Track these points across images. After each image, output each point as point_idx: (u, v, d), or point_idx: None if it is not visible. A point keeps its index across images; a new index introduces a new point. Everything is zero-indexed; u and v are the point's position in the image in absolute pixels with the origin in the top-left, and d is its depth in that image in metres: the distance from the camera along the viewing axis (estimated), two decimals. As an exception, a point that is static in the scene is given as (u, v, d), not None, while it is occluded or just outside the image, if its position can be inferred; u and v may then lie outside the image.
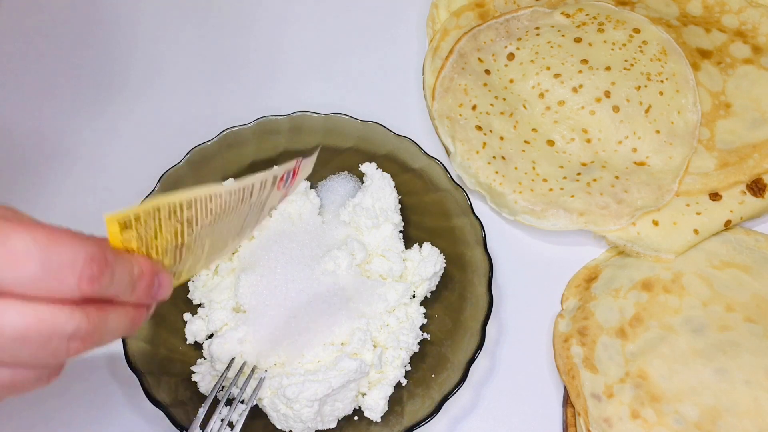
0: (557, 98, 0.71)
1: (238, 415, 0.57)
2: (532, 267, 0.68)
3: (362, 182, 0.68)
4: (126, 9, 0.82)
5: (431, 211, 0.67)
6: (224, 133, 0.67)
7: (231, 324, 0.61)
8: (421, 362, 0.62)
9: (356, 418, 0.60)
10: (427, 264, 0.63)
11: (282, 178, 0.45)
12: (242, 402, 0.58)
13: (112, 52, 0.80)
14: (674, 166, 0.68)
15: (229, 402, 0.59)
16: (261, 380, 0.58)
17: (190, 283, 0.64)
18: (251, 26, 0.81)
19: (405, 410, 0.60)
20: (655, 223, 0.67)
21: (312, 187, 0.68)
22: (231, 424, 0.57)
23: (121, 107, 0.77)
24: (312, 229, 0.65)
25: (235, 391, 0.58)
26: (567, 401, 0.61)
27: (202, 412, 0.56)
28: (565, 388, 0.62)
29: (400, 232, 0.66)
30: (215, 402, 0.57)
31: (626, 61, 0.71)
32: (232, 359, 0.59)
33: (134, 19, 0.82)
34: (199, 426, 0.56)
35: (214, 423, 0.56)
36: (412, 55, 0.79)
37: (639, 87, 0.70)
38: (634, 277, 0.65)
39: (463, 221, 0.64)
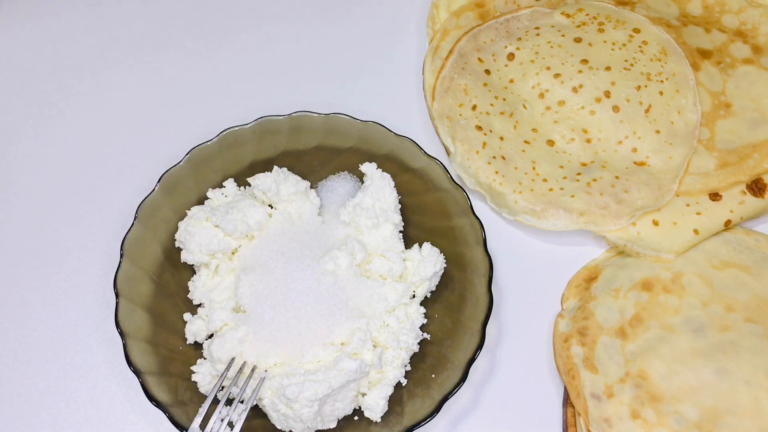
0: (557, 98, 0.71)
1: (238, 415, 0.57)
2: (532, 267, 0.68)
3: (362, 182, 0.68)
4: (126, 9, 0.82)
5: (431, 211, 0.67)
6: (224, 133, 0.67)
7: (231, 324, 0.61)
8: (421, 362, 0.62)
9: (356, 418, 0.60)
10: (427, 264, 0.63)
11: None
12: (242, 402, 0.58)
13: (112, 51, 0.80)
14: (674, 166, 0.68)
15: (229, 402, 0.59)
16: (261, 380, 0.58)
17: (190, 283, 0.64)
18: (252, 26, 0.81)
19: (405, 410, 0.60)
20: (655, 223, 0.67)
21: (312, 187, 0.68)
22: (231, 424, 0.57)
23: (121, 107, 0.77)
24: (312, 229, 0.65)
25: (235, 390, 0.58)
26: (567, 401, 0.61)
27: (202, 411, 0.56)
28: (565, 388, 0.62)
29: (400, 232, 0.66)
30: (215, 402, 0.57)
31: (626, 61, 0.71)
32: (232, 359, 0.59)
33: (134, 18, 0.82)
34: (199, 426, 0.56)
35: (214, 423, 0.56)
36: (412, 55, 0.79)
37: (639, 87, 0.70)
38: (634, 277, 0.65)
39: (463, 221, 0.64)
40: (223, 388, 0.59)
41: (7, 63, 0.79)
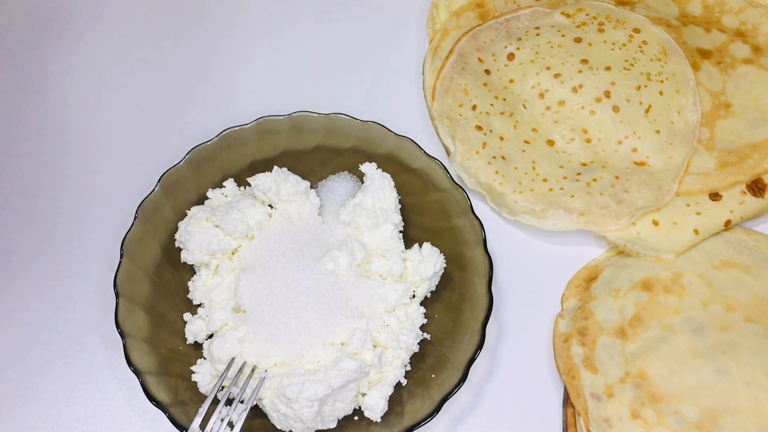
0: (557, 98, 0.71)
1: (238, 415, 0.57)
2: (532, 267, 0.68)
3: (362, 182, 0.68)
4: (125, 8, 0.82)
5: (431, 211, 0.67)
6: (224, 133, 0.67)
7: (231, 324, 0.61)
8: (421, 362, 0.62)
9: (356, 418, 0.60)
10: (427, 264, 0.63)
11: None
12: (242, 402, 0.58)
13: (113, 51, 0.80)
14: (674, 166, 0.68)
15: (229, 402, 0.59)
16: (261, 380, 0.58)
17: (190, 283, 0.64)
18: (251, 26, 0.81)
19: (405, 410, 0.60)
20: (655, 223, 0.67)
21: (312, 187, 0.68)
22: (231, 424, 0.57)
23: (120, 107, 0.77)
24: (312, 229, 0.65)
25: (235, 390, 0.58)
26: (567, 401, 0.61)
27: (201, 412, 0.56)
28: (565, 388, 0.62)
29: (400, 232, 0.66)
30: (215, 402, 0.57)
31: (626, 61, 0.71)
32: (232, 359, 0.59)
33: (134, 17, 0.82)
34: (199, 426, 0.56)
35: (214, 423, 0.56)
36: (412, 55, 0.79)
37: (639, 87, 0.70)
38: (634, 277, 0.65)
39: (463, 221, 0.64)
40: (223, 388, 0.59)
41: (6, 62, 0.79)
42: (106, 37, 0.80)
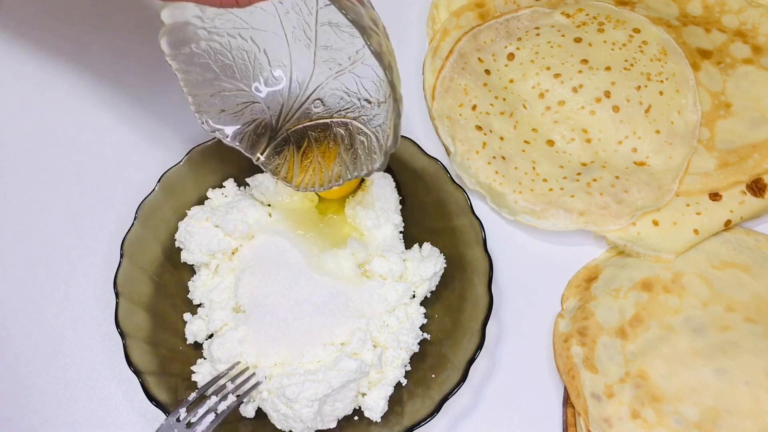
0: (557, 98, 0.71)
1: (226, 406, 0.56)
2: (532, 267, 0.68)
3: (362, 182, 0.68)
4: (129, 7, 0.82)
5: (431, 211, 0.67)
6: (224, 133, 0.67)
7: (231, 324, 0.61)
8: (421, 362, 0.62)
9: (356, 418, 0.60)
10: (427, 264, 0.63)
11: None
12: (237, 396, 0.57)
13: (113, 50, 0.80)
14: (674, 166, 0.68)
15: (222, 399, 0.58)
16: (256, 384, 0.58)
17: (190, 283, 0.64)
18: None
19: (405, 410, 0.60)
20: (655, 223, 0.67)
21: (312, 187, 0.68)
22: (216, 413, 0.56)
23: (121, 107, 0.76)
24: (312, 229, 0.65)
25: (229, 385, 0.58)
26: (567, 401, 0.61)
27: (190, 399, 0.56)
28: (565, 388, 0.62)
29: (400, 232, 0.66)
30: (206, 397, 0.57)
31: (626, 61, 0.71)
32: (237, 363, 0.59)
33: (135, 16, 0.82)
34: (186, 409, 0.55)
35: (201, 409, 0.55)
36: (412, 55, 0.79)
37: (639, 87, 0.70)
38: (634, 277, 0.65)
39: (463, 221, 0.64)
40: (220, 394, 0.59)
41: (6, 61, 0.79)
42: (108, 36, 0.80)
